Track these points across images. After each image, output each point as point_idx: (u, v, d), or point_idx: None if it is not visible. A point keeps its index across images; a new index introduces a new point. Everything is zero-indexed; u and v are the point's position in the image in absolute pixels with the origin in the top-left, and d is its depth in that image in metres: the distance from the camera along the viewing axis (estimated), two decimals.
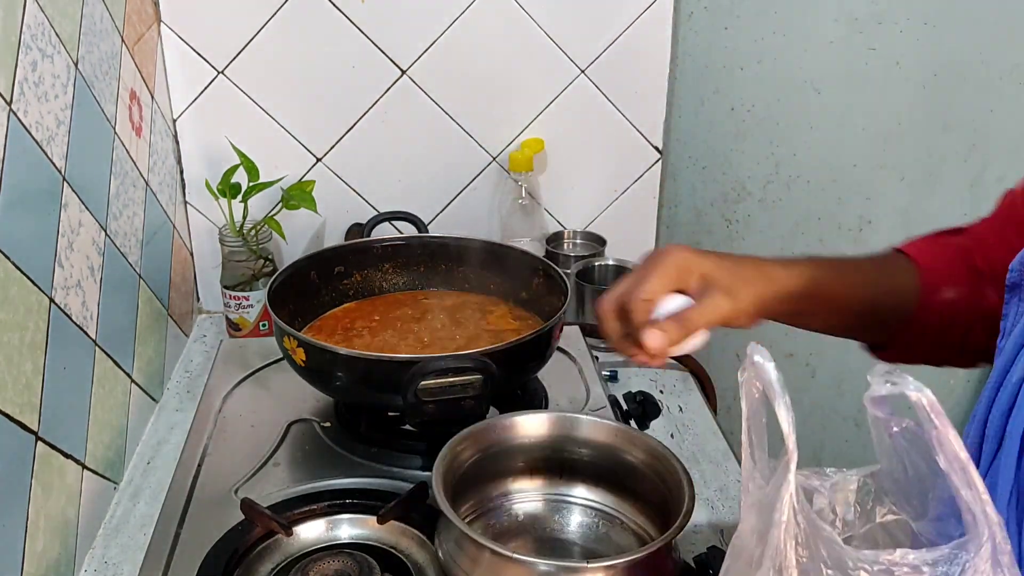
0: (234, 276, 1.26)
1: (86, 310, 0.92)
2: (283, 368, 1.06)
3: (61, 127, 0.88)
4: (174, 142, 1.30)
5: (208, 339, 1.34)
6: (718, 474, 1.03)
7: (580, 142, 1.38)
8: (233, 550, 0.80)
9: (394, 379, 0.87)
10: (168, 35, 1.25)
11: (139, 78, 1.15)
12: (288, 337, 0.93)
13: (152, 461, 1.05)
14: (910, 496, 0.54)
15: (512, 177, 1.34)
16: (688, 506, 0.70)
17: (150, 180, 1.17)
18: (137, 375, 1.07)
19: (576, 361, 1.13)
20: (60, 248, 0.87)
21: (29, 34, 0.82)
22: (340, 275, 1.13)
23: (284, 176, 1.30)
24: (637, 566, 0.67)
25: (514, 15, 1.29)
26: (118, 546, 0.92)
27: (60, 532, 0.84)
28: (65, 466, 0.85)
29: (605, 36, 1.32)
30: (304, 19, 1.26)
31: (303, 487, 0.91)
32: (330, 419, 1.03)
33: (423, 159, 1.36)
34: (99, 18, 1.01)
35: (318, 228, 1.38)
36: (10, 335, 0.75)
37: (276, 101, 1.30)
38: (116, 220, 1.03)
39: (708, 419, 1.13)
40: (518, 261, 1.11)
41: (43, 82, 0.84)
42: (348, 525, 0.86)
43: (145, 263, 1.13)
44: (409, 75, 1.31)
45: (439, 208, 1.39)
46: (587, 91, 1.34)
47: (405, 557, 0.82)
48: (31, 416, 0.78)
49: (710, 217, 1.56)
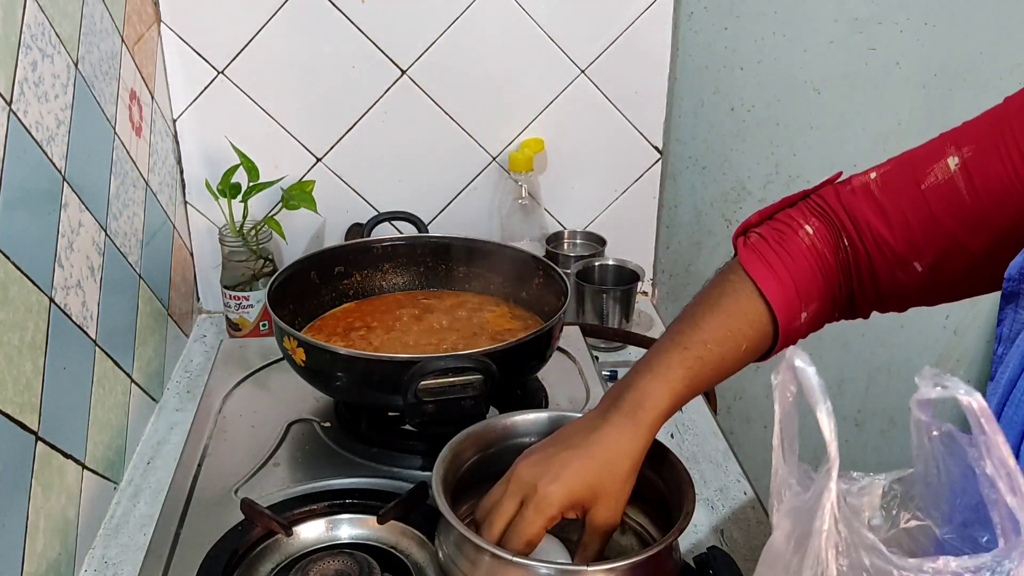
0: (234, 276, 1.26)
1: (86, 310, 0.92)
2: (283, 368, 1.06)
3: (61, 127, 0.88)
4: (174, 142, 1.30)
5: (208, 339, 1.34)
6: (718, 474, 1.03)
7: (580, 142, 1.38)
8: (233, 550, 0.80)
9: (394, 379, 0.87)
10: (168, 35, 1.25)
11: (139, 78, 1.15)
12: (288, 337, 0.93)
13: (152, 461, 1.05)
14: (939, 502, 0.53)
15: (512, 177, 1.34)
16: (689, 507, 0.70)
17: (150, 180, 1.17)
18: (137, 375, 1.07)
19: (576, 361, 1.14)
20: (60, 248, 0.87)
21: (29, 34, 0.82)
22: (340, 275, 1.13)
23: (284, 176, 1.30)
24: (638, 568, 0.67)
25: (514, 15, 1.29)
26: (118, 546, 0.92)
27: (60, 532, 0.84)
28: (65, 466, 0.85)
29: (605, 36, 1.32)
30: (304, 19, 1.26)
31: (303, 487, 0.91)
32: (330, 419, 1.03)
33: (423, 159, 1.36)
34: (99, 18, 1.01)
35: (318, 228, 1.38)
36: (10, 335, 0.75)
37: (276, 101, 1.30)
38: (116, 220, 1.03)
39: (708, 419, 1.13)
40: (518, 261, 1.11)
41: (43, 82, 0.84)
42: (348, 525, 0.86)
43: (145, 263, 1.12)
44: (409, 75, 1.31)
45: (439, 208, 1.39)
46: (587, 91, 1.34)
47: (405, 557, 0.82)
48: (31, 416, 0.78)
49: (710, 217, 1.56)
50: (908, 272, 0.71)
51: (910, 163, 0.70)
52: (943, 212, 0.68)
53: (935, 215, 0.68)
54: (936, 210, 0.68)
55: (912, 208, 0.69)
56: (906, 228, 0.70)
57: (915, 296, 0.74)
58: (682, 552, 0.74)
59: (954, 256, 0.69)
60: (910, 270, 0.71)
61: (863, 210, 0.72)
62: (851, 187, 0.73)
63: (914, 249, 0.70)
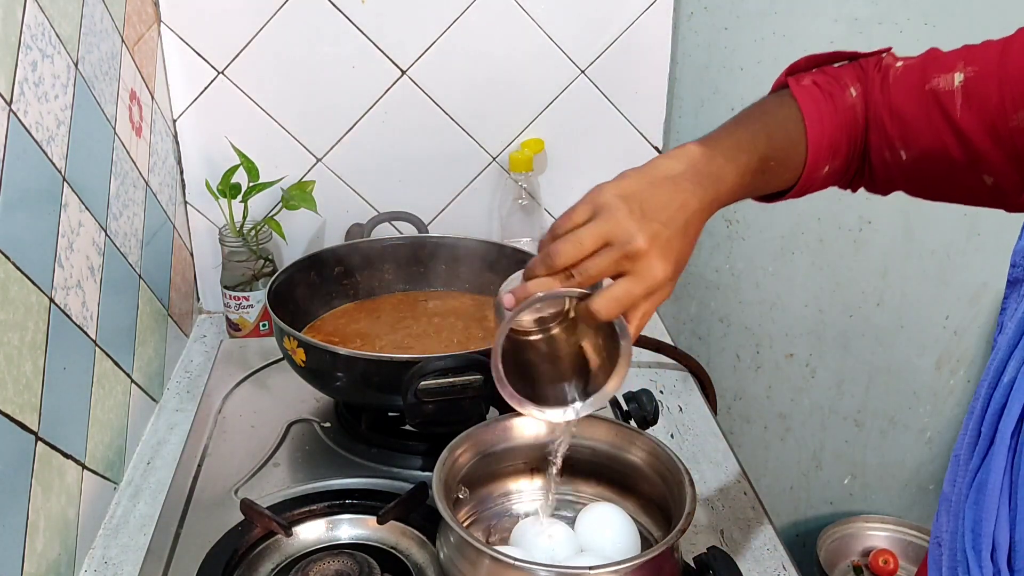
0: (234, 276, 1.26)
1: (86, 310, 0.92)
2: (283, 368, 1.06)
3: (61, 127, 0.88)
4: (174, 142, 1.30)
5: (208, 339, 1.34)
6: (718, 474, 1.03)
7: (580, 142, 1.38)
8: (233, 550, 0.80)
9: (394, 379, 0.87)
10: (168, 35, 1.25)
11: (139, 78, 1.15)
12: (288, 337, 0.93)
13: (152, 461, 1.05)
14: None
15: (512, 177, 1.34)
16: (690, 507, 0.70)
17: (150, 180, 1.17)
18: (137, 375, 1.07)
19: None
20: (60, 248, 0.87)
21: (29, 34, 0.82)
22: (340, 275, 1.13)
23: (284, 176, 1.30)
24: (639, 569, 0.67)
25: (514, 15, 1.29)
26: (118, 546, 0.92)
27: (60, 532, 0.84)
28: (65, 466, 0.85)
29: (605, 36, 1.32)
30: (304, 19, 1.26)
31: (303, 487, 0.91)
32: (330, 419, 1.03)
33: (423, 159, 1.36)
34: (99, 18, 1.01)
35: (318, 228, 1.38)
36: (10, 335, 0.75)
37: (276, 101, 1.30)
38: (116, 220, 1.03)
39: (708, 419, 1.13)
40: (518, 261, 1.11)
41: (43, 82, 0.84)
42: (348, 525, 0.86)
43: (145, 263, 1.12)
44: (409, 75, 1.31)
45: (439, 208, 1.39)
46: (587, 91, 1.34)
47: (405, 557, 0.82)
48: (31, 416, 0.78)
49: None
50: (894, 156, 0.75)
51: (928, 63, 0.74)
52: (937, 117, 0.71)
53: (930, 116, 0.72)
54: (931, 113, 0.72)
55: (912, 103, 0.73)
56: (902, 118, 0.74)
57: (900, 181, 0.78)
58: (682, 552, 0.74)
59: (937, 158, 0.73)
60: (896, 155, 0.75)
61: (876, 89, 0.76)
62: (881, 66, 0.77)
63: (903, 138, 0.74)
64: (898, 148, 0.75)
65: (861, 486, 1.73)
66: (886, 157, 0.76)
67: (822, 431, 1.68)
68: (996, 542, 0.53)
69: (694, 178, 0.68)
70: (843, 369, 1.63)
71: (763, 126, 0.74)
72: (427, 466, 0.94)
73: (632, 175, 0.68)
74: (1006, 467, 0.53)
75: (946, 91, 0.71)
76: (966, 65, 0.71)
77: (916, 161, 0.74)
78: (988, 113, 0.69)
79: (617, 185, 0.67)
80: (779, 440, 1.69)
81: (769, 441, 1.69)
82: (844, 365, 1.63)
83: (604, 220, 0.65)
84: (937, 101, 0.71)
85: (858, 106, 0.76)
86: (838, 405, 1.66)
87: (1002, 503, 0.53)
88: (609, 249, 0.65)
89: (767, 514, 0.96)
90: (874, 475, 1.72)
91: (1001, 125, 0.68)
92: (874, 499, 1.73)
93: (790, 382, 1.64)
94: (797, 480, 1.73)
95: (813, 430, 1.68)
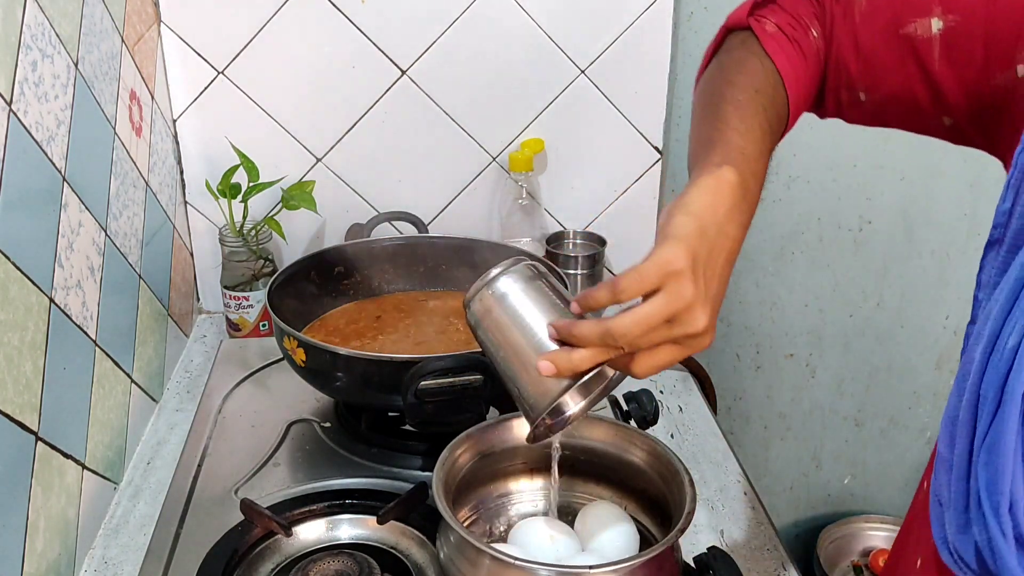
0: (234, 276, 1.26)
1: (86, 310, 0.92)
2: (283, 368, 1.06)
3: (61, 127, 0.88)
4: (174, 142, 1.30)
5: (208, 339, 1.34)
6: (718, 474, 1.03)
7: (580, 142, 1.38)
8: (233, 550, 0.80)
9: (394, 379, 0.87)
10: (168, 35, 1.25)
11: (139, 78, 1.15)
12: (288, 337, 0.93)
13: (152, 461, 1.05)
14: None
15: (512, 177, 1.34)
16: (690, 507, 0.70)
17: (150, 180, 1.17)
18: (137, 375, 1.07)
19: None
20: (60, 248, 0.87)
21: (29, 34, 0.82)
22: (340, 275, 1.13)
23: (284, 176, 1.30)
24: (639, 568, 0.67)
25: (514, 15, 1.29)
26: (118, 546, 0.92)
27: (60, 532, 0.84)
28: (65, 466, 0.85)
29: (605, 36, 1.32)
30: (304, 19, 1.26)
31: (303, 487, 0.91)
32: (330, 419, 1.03)
33: (423, 159, 1.36)
34: (99, 18, 1.01)
35: (318, 228, 1.38)
36: (10, 335, 0.75)
37: (276, 101, 1.30)
38: (116, 220, 1.03)
39: (708, 419, 1.13)
40: None
41: (43, 82, 0.84)
42: (348, 525, 0.86)
43: (145, 263, 1.12)
44: (409, 75, 1.30)
45: (439, 208, 1.39)
46: (587, 91, 1.34)
47: (405, 557, 0.82)
48: (31, 416, 0.78)
49: None
50: (851, 96, 0.72)
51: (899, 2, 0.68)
52: (912, 64, 0.67)
53: (903, 63, 0.68)
54: (905, 60, 0.67)
55: (882, 46, 0.68)
56: (869, 61, 0.69)
57: (850, 117, 0.75)
58: (682, 552, 0.74)
59: (902, 102, 0.69)
60: (854, 95, 0.72)
61: (838, 28, 0.71)
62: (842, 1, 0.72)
63: (867, 81, 0.70)
64: (858, 90, 0.71)
65: (861, 486, 1.73)
66: (841, 97, 0.73)
67: (822, 431, 1.68)
68: (1014, 497, 0.53)
69: (738, 215, 0.64)
70: (843, 369, 1.63)
71: (765, 116, 0.70)
72: (427, 466, 0.94)
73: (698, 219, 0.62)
74: (1019, 427, 0.53)
75: (923, 39, 0.66)
76: (945, 12, 0.65)
77: (876, 104, 0.71)
78: (970, 68, 0.64)
79: (687, 242, 0.61)
80: (779, 440, 1.69)
81: (769, 441, 1.69)
82: (844, 365, 1.63)
83: (673, 298, 0.60)
84: (912, 48, 0.66)
85: (821, 49, 0.72)
86: (838, 405, 1.66)
87: (1016, 461, 0.53)
88: (670, 328, 0.60)
89: (767, 514, 0.96)
90: (874, 475, 1.72)
91: (982, 81, 0.64)
92: (874, 499, 1.73)
93: (790, 382, 1.64)
94: (797, 480, 1.73)
95: (813, 430, 1.68)
